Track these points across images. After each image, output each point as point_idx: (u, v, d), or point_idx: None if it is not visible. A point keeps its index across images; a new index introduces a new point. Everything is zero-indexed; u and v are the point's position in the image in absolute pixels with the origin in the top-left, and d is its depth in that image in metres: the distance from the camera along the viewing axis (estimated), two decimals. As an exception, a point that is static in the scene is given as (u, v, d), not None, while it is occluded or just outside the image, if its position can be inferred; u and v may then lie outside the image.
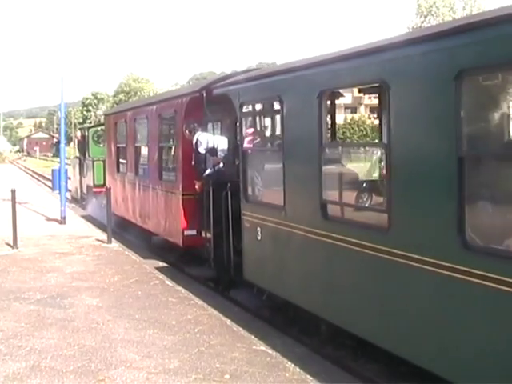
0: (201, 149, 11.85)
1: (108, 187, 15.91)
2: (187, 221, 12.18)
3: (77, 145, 28.85)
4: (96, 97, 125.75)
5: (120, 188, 17.18)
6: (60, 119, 20.17)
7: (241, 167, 9.65)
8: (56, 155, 79.48)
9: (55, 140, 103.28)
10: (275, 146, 9.27)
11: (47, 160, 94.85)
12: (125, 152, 16.99)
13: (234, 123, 11.23)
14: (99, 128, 24.50)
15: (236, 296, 10.71)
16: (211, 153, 11.93)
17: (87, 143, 24.35)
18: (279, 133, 8.83)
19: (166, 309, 9.23)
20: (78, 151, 26.59)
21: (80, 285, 10.72)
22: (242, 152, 9.73)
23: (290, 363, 7.16)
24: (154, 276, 11.55)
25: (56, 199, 22.88)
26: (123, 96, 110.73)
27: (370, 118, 65.33)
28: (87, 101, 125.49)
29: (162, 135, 14.31)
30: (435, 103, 5.64)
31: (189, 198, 12.15)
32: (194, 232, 12.05)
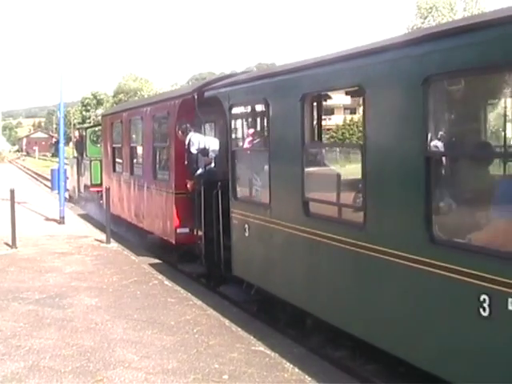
0: (193, 149, 12.19)
1: (107, 188, 16.10)
2: (180, 219, 12.53)
3: (74, 145, 29.23)
4: (95, 97, 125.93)
5: (116, 187, 17.51)
6: (59, 119, 20.18)
7: (230, 167, 10.04)
8: (55, 155, 79.79)
9: (54, 140, 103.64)
10: (262, 147, 9.66)
11: (46, 160, 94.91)
12: (121, 152, 17.37)
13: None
14: (96, 128, 24.91)
15: (226, 291, 11.02)
16: (203, 153, 12.29)
17: (85, 143, 24.78)
18: (265, 134, 9.22)
19: (165, 309, 9.26)
20: (76, 151, 26.99)
21: (79, 285, 10.74)
22: (231, 152, 10.11)
23: (289, 363, 7.22)
24: (153, 276, 11.59)
25: (55, 199, 22.96)
26: (123, 96, 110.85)
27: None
28: (86, 100, 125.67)
29: (156, 136, 14.64)
30: (405, 107, 6.03)
31: (181, 197, 12.50)
32: (187, 230, 12.38)
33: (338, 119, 68.03)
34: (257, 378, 6.67)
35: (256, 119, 11.11)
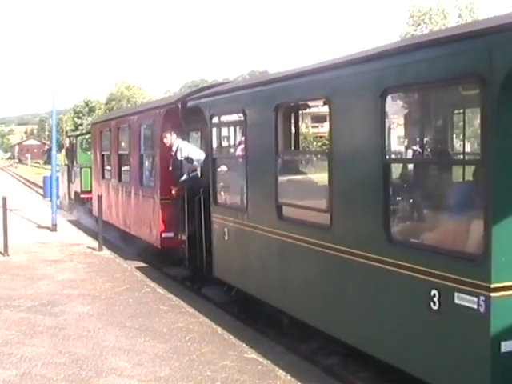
0: (179, 156, 12.62)
1: (99, 195, 16.34)
2: (165, 224, 12.95)
3: (65, 152, 29.63)
4: (87, 104, 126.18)
5: (105, 194, 17.88)
6: (51, 126, 20.35)
7: (210, 173, 10.51)
8: (47, 162, 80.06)
9: (46, 147, 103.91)
10: (240, 154, 10.12)
11: (38, 167, 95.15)
12: (109, 159, 17.82)
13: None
14: (87, 136, 25.35)
15: (208, 292, 11.41)
16: (188, 160, 12.71)
17: (75, 151, 25.21)
18: (243, 142, 9.69)
19: (157, 317, 9.29)
20: (67, 158, 27.40)
21: (71, 292, 10.77)
22: (212, 160, 10.59)
23: (281, 371, 7.27)
24: (146, 284, 11.66)
25: (47, 206, 23.05)
26: (115, 103, 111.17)
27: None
28: (78, 108, 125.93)
29: (143, 143, 15.03)
30: (366, 117, 6.51)
31: (166, 203, 12.91)
32: (172, 234, 12.75)
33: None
34: (250, 386, 6.69)
35: (235, 128, 11.58)
